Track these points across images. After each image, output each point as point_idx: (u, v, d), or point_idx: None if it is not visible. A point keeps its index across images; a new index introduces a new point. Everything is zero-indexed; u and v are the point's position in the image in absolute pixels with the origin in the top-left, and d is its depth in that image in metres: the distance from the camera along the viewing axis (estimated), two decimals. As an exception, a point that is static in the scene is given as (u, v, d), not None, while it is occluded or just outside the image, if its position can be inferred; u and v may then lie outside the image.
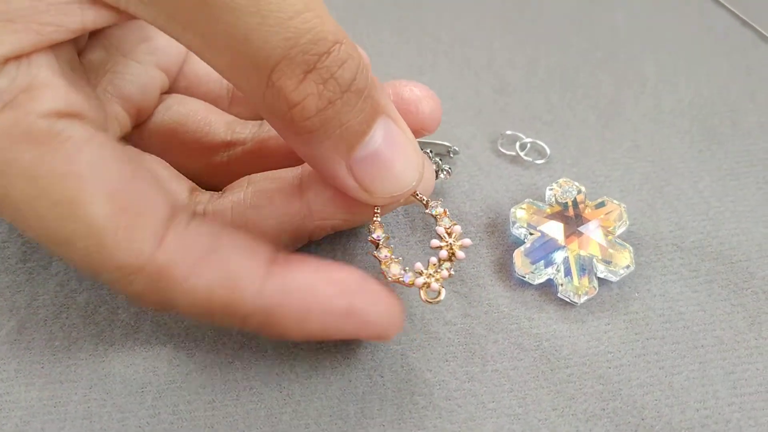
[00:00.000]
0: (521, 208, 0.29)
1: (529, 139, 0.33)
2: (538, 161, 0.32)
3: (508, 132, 0.33)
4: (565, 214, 0.29)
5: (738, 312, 0.28)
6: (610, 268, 0.28)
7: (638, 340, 0.27)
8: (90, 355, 0.26)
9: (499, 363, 0.26)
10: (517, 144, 0.33)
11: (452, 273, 0.24)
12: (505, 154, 0.33)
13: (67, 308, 0.27)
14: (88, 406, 0.25)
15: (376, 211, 0.24)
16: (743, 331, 0.27)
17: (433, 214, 0.25)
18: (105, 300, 0.27)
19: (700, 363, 0.26)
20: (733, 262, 0.29)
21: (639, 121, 0.34)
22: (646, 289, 0.28)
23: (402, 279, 0.24)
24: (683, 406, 0.25)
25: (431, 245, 0.25)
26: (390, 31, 0.38)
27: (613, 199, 0.30)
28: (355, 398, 0.25)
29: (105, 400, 0.25)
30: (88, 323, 0.26)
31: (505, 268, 0.29)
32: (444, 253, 0.24)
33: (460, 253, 0.24)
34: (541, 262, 0.28)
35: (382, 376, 0.26)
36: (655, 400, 0.25)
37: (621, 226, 0.29)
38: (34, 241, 0.21)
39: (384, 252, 0.24)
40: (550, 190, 0.30)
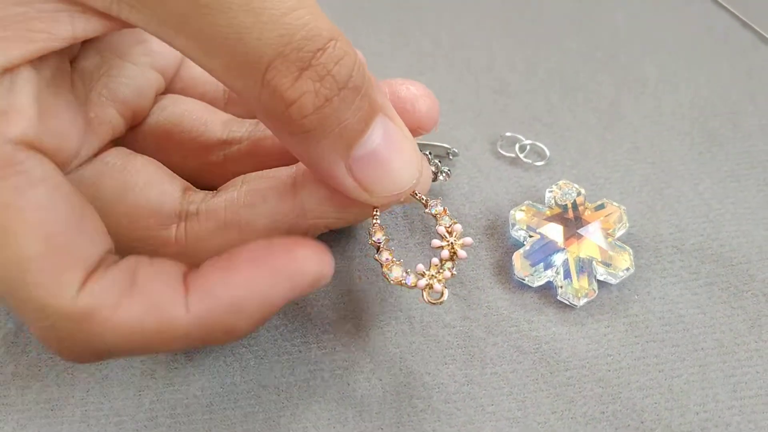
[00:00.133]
0: (521, 210, 0.29)
1: (528, 141, 0.33)
2: (538, 163, 0.32)
3: (508, 134, 0.33)
4: (565, 216, 0.29)
5: (738, 315, 0.28)
6: (610, 271, 0.28)
7: (638, 343, 0.27)
8: (87, 358, 0.26)
9: (498, 366, 0.26)
10: (517, 146, 0.33)
11: (454, 273, 0.24)
12: (505, 156, 0.32)
13: (65, 311, 0.27)
14: (86, 410, 0.24)
15: (376, 213, 0.24)
16: (743, 334, 0.27)
17: (433, 213, 0.25)
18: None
19: (700, 366, 0.26)
20: (733, 265, 0.29)
21: (639, 123, 0.34)
22: (646, 291, 0.28)
23: (404, 282, 0.24)
24: (683, 410, 0.25)
25: (432, 245, 0.24)
26: (389, 32, 0.38)
27: (613, 201, 0.30)
28: (354, 402, 0.25)
29: (102, 403, 0.25)
30: (86, 326, 0.26)
31: (504, 270, 0.29)
32: (445, 253, 0.24)
33: (462, 253, 0.24)
34: (541, 265, 0.28)
35: (381, 380, 0.26)
36: (655, 403, 0.25)
37: (621, 229, 0.29)
38: None
39: (385, 255, 0.24)
40: (550, 192, 0.30)
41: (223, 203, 0.25)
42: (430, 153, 0.31)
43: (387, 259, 0.24)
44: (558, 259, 0.28)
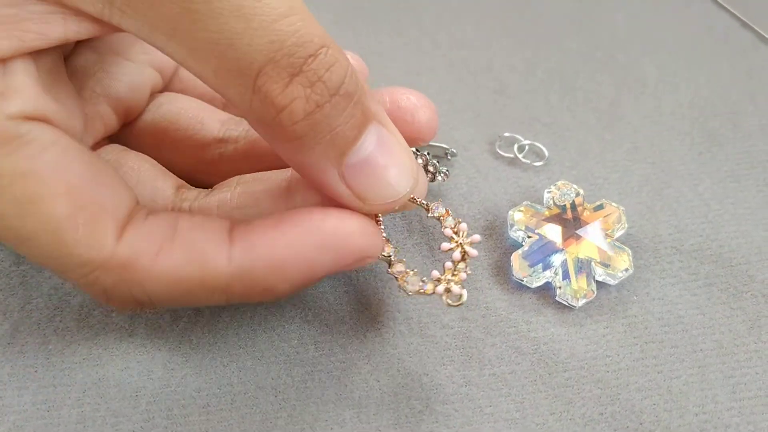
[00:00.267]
0: (519, 211, 0.29)
1: (527, 141, 0.33)
2: (537, 163, 0.32)
3: (507, 134, 0.33)
4: (564, 216, 0.29)
5: (737, 315, 0.27)
6: (609, 271, 0.28)
7: (637, 344, 0.27)
8: (84, 359, 0.25)
9: (496, 367, 0.26)
10: (516, 146, 0.32)
11: (469, 272, 0.24)
12: (504, 157, 0.32)
13: (61, 311, 0.26)
14: (82, 411, 0.24)
15: (381, 228, 0.24)
16: (743, 335, 0.27)
17: (436, 216, 0.25)
18: (99, 304, 0.27)
19: (699, 367, 0.26)
20: (732, 265, 0.29)
21: (639, 123, 0.34)
22: (645, 292, 0.28)
23: (423, 290, 0.24)
24: (682, 411, 0.25)
25: (442, 248, 0.24)
26: (388, 33, 0.38)
27: (612, 201, 0.30)
28: (352, 403, 0.25)
29: (99, 404, 0.25)
30: (82, 327, 0.26)
31: (502, 271, 0.29)
32: (457, 255, 0.24)
33: (473, 251, 0.24)
34: (539, 265, 0.28)
35: (379, 381, 0.25)
36: (654, 405, 0.25)
37: (620, 229, 0.29)
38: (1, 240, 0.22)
39: (398, 267, 0.24)
40: (549, 192, 0.30)
41: (216, 203, 0.25)
42: (428, 153, 0.31)
43: (401, 272, 0.24)
44: (557, 260, 0.28)
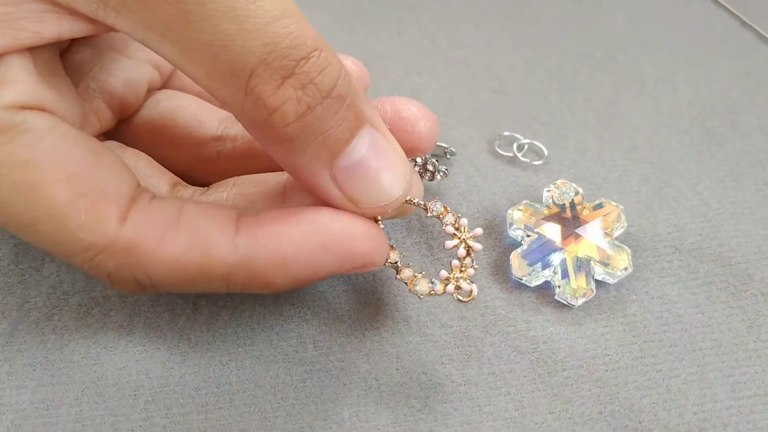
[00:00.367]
0: (518, 210, 0.29)
1: (526, 140, 0.33)
2: (536, 162, 0.32)
3: (506, 133, 0.33)
4: (563, 215, 0.29)
5: (737, 314, 0.27)
6: (608, 270, 0.28)
7: (636, 343, 0.27)
8: (83, 358, 0.25)
9: (495, 366, 0.26)
10: (515, 145, 0.32)
11: (476, 266, 0.24)
12: (503, 156, 0.32)
13: (60, 310, 0.26)
14: (81, 410, 0.24)
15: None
16: (742, 334, 0.27)
17: (435, 214, 0.25)
18: (98, 302, 0.27)
19: (699, 366, 0.26)
20: (732, 264, 0.29)
21: (638, 123, 0.34)
22: (644, 291, 0.28)
23: (434, 291, 0.24)
24: (681, 410, 0.25)
25: (446, 246, 0.25)
26: (388, 32, 0.38)
27: (611, 200, 0.30)
28: (350, 402, 0.25)
29: (97, 403, 0.25)
30: (81, 325, 0.26)
31: (501, 270, 0.28)
32: (462, 251, 0.24)
33: (477, 245, 0.24)
34: (538, 264, 0.28)
35: (377, 379, 0.25)
36: (653, 404, 0.25)
37: (619, 228, 0.29)
38: (5, 227, 0.22)
39: (406, 272, 0.24)
40: (548, 191, 0.30)
41: (211, 202, 0.25)
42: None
43: (409, 277, 0.24)
44: (556, 259, 0.28)
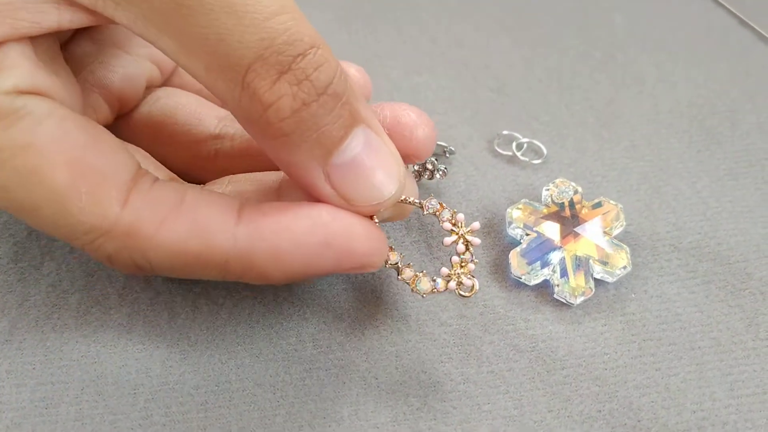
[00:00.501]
0: (517, 209, 0.29)
1: (525, 139, 0.33)
2: (535, 161, 0.32)
3: (505, 132, 0.33)
4: (562, 214, 0.29)
5: (735, 313, 0.27)
6: (607, 269, 0.28)
7: (635, 342, 0.27)
8: (82, 356, 0.25)
9: (494, 364, 0.26)
10: (514, 144, 0.32)
11: (476, 261, 0.24)
12: (502, 154, 0.32)
13: (59, 309, 0.26)
14: (80, 408, 0.24)
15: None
16: (741, 333, 0.27)
17: (431, 212, 0.25)
18: (98, 300, 0.27)
19: (697, 364, 0.26)
20: (730, 263, 0.29)
21: (637, 122, 0.34)
22: (643, 290, 0.28)
23: (436, 289, 0.24)
24: (680, 408, 0.25)
25: (444, 243, 0.25)
26: (387, 32, 0.38)
27: (611, 199, 0.30)
28: (350, 400, 0.25)
29: (97, 401, 0.25)
30: (81, 324, 0.26)
31: (501, 269, 0.29)
32: (461, 247, 0.24)
33: (475, 240, 0.25)
34: (538, 263, 0.28)
35: (377, 378, 0.25)
36: (652, 402, 0.25)
37: (618, 227, 0.29)
38: (6, 211, 0.22)
39: (407, 273, 0.24)
40: (547, 190, 0.30)
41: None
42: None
43: (411, 276, 0.24)
44: (555, 258, 0.28)
